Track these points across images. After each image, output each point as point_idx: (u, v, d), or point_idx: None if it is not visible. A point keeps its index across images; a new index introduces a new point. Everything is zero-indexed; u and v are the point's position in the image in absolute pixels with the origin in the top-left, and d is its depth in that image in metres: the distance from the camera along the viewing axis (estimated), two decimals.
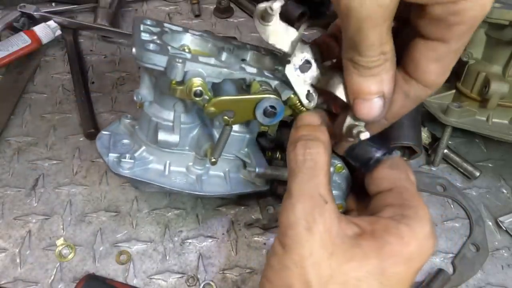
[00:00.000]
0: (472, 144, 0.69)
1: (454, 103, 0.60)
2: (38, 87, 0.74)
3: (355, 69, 0.33)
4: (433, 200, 0.62)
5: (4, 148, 0.66)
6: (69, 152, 0.65)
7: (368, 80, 0.33)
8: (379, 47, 0.31)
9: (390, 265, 0.32)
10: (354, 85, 0.34)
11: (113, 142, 0.51)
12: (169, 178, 0.50)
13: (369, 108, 0.34)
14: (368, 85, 0.33)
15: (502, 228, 0.58)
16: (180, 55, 0.43)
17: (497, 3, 0.55)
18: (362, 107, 0.35)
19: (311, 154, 0.35)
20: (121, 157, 0.48)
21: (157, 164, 0.50)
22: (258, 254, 0.56)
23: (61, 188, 0.61)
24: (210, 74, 0.44)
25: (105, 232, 0.57)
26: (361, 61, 0.32)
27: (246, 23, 0.88)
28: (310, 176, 0.34)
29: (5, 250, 0.55)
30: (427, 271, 0.55)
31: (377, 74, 0.33)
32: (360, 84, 0.34)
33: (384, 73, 0.33)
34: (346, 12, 0.30)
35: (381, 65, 0.32)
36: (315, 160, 0.35)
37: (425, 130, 0.65)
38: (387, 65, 0.33)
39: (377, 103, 0.34)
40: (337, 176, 0.43)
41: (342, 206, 0.42)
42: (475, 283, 0.54)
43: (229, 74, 0.44)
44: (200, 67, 0.43)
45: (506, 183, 0.64)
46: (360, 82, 0.34)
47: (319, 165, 0.35)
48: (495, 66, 0.58)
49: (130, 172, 0.49)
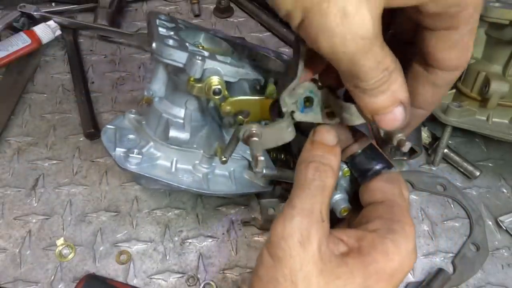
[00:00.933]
0: (472, 144, 0.69)
1: (454, 103, 0.60)
2: (38, 87, 0.74)
3: (363, 94, 0.33)
4: (433, 200, 0.62)
5: (4, 148, 0.66)
6: (69, 152, 0.65)
7: (380, 97, 0.33)
8: (378, 66, 0.31)
9: (373, 282, 0.32)
10: (368, 106, 0.33)
11: (119, 136, 0.51)
12: (176, 176, 0.50)
13: (391, 120, 0.34)
14: (382, 102, 0.33)
15: (502, 227, 0.58)
16: (199, 52, 0.43)
17: (497, 3, 0.55)
18: (385, 121, 0.34)
19: (321, 177, 0.35)
20: (129, 152, 0.48)
21: (164, 161, 0.50)
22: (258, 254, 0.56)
23: (61, 188, 0.61)
24: (227, 73, 0.44)
25: (105, 232, 0.57)
26: (365, 85, 0.32)
27: (246, 23, 0.88)
28: (316, 194, 0.35)
29: (5, 250, 0.55)
30: (427, 271, 0.55)
31: (386, 89, 0.32)
32: (374, 103, 0.33)
33: (393, 83, 0.32)
34: (332, 56, 0.29)
35: (387, 80, 0.32)
36: (324, 182, 0.35)
37: (425, 130, 0.65)
38: (393, 76, 0.32)
39: (397, 112, 0.34)
40: (343, 180, 0.44)
41: (347, 209, 0.42)
42: (475, 282, 0.54)
43: (245, 74, 0.44)
44: (218, 65, 0.43)
45: (506, 183, 0.64)
46: (373, 102, 0.33)
47: (326, 186, 0.35)
48: (495, 65, 0.58)
49: (138, 167, 0.48)
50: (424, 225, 0.59)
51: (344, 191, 0.43)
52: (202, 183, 0.50)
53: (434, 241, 0.58)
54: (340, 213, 0.42)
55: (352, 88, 0.33)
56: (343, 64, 0.30)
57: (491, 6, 0.54)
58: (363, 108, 0.34)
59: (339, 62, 0.30)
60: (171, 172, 0.50)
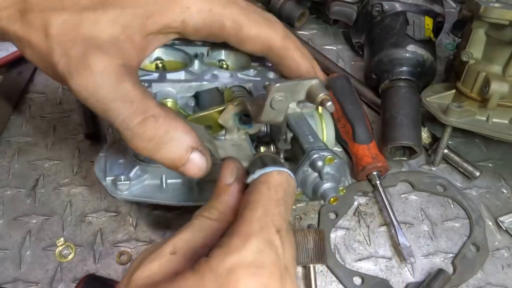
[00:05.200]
0: (472, 144, 0.69)
1: (454, 103, 0.60)
2: (38, 87, 0.74)
3: (133, 138, 0.35)
4: (433, 200, 0.62)
5: (4, 149, 0.66)
6: (69, 152, 0.65)
7: (166, 148, 0.35)
8: (135, 111, 0.34)
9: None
10: (163, 161, 0.36)
11: (110, 164, 0.50)
12: (167, 192, 0.50)
13: (194, 167, 0.36)
14: (171, 153, 0.35)
15: (502, 228, 0.58)
16: (148, 76, 0.43)
17: (497, 3, 0.55)
18: (190, 170, 0.36)
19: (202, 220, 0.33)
20: (117, 180, 0.48)
21: (153, 180, 0.50)
22: None
23: (61, 188, 0.61)
24: (180, 91, 0.44)
25: (105, 232, 0.57)
26: (132, 128, 0.34)
27: None
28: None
29: (5, 250, 0.55)
30: (427, 271, 0.55)
31: (160, 135, 0.35)
32: (164, 156, 0.36)
33: (169, 130, 0.35)
34: (83, 100, 0.34)
35: (153, 125, 0.34)
36: (205, 223, 0.33)
37: (425, 130, 0.65)
38: (163, 121, 0.35)
39: (195, 158, 0.36)
40: (329, 167, 0.42)
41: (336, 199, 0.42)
42: (475, 283, 0.54)
43: (199, 86, 0.44)
44: (169, 85, 0.43)
45: (506, 183, 0.64)
46: (162, 155, 0.35)
47: (205, 227, 0.33)
48: (495, 66, 0.58)
49: (128, 193, 0.48)
50: (424, 226, 0.59)
51: (332, 179, 0.43)
52: (195, 193, 0.50)
53: (434, 242, 0.58)
54: (329, 202, 0.42)
55: (125, 135, 0.35)
56: (98, 112, 0.35)
57: (491, 6, 0.54)
58: (162, 163, 0.36)
59: (94, 109, 0.35)
60: (162, 189, 0.50)
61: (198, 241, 0.31)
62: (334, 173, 0.43)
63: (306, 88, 0.42)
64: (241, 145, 0.46)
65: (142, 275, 0.29)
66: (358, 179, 0.63)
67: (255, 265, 0.27)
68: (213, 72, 0.46)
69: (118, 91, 0.33)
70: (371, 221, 0.59)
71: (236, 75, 0.46)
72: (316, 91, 0.41)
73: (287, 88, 0.41)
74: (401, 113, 0.62)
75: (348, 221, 0.59)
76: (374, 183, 0.61)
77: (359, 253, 0.56)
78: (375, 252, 0.56)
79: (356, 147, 0.62)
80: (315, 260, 0.52)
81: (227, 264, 0.27)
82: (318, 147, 0.42)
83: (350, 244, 0.57)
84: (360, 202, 0.61)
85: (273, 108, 0.41)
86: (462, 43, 0.63)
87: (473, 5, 0.57)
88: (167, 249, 0.30)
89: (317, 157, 0.41)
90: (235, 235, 0.29)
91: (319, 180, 0.42)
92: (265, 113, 0.41)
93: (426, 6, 0.71)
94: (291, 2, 0.84)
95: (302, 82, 0.41)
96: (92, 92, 0.33)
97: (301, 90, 0.42)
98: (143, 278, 0.29)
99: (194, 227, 0.32)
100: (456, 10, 0.87)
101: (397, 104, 0.63)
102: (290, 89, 0.41)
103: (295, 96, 0.42)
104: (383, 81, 0.67)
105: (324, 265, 0.54)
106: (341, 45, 0.85)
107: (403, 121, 0.61)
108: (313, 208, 0.60)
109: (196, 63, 0.47)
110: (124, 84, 0.34)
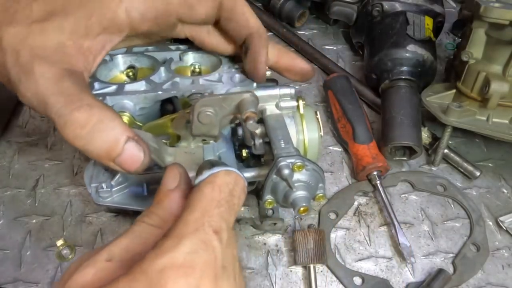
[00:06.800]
0: (472, 144, 0.69)
1: (454, 103, 0.60)
2: None
3: (65, 125, 0.35)
4: (433, 200, 0.62)
5: (5, 149, 0.66)
6: (69, 153, 0.65)
7: (97, 136, 0.34)
8: (66, 100, 0.35)
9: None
10: (95, 152, 0.35)
11: (96, 171, 0.50)
12: (149, 199, 0.49)
13: (130, 157, 0.35)
14: (104, 141, 0.35)
15: (503, 228, 0.58)
16: (105, 89, 0.43)
17: (497, 3, 0.55)
18: (126, 162, 0.36)
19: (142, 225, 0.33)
20: (99, 187, 0.48)
21: (135, 187, 0.50)
22: (258, 254, 0.56)
23: (61, 188, 0.61)
24: (138, 102, 0.44)
25: (105, 232, 0.57)
26: (65, 115, 0.34)
27: None
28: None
29: (5, 250, 0.55)
30: (428, 271, 0.55)
31: (93, 123, 0.34)
32: (97, 144, 0.35)
33: (100, 117, 0.35)
34: (29, 102, 0.37)
35: (85, 111, 0.34)
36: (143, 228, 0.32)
37: (425, 130, 0.65)
38: (96, 111, 0.34)
39: (130, 147, 0.35)
40: (299, 175, 0.40)
41: (306, 209, 0.40)
42: (476, 283, 0.54)
43: (155, 96, 0.44)
44: (125, 98, 0.43)
45: (506, 183, 0.64)
46: (94, 143, 0.35)
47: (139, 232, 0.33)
48: (495, 66, 0.58)
49: (110, 200, 0.48)
50: (424, 226, 0.59)
51: (303, 188, 0.41)
52: None
53: (434, 241, 0.58)
54: (298, 212, 0.41)
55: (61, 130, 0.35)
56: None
57: (491, 6, 0.54)
58: (96, 154, 0.35)
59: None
60: (144, 195, 0.49)
61: (136, 248, 0.30)
62: (307, 180, 0.41)
63: (236, 102, 0.40)
64: (195, 153, 0.45)
65: (76, 283, 0.28)
66: (358, 179, 0.63)
67: (186, 265, 0.27)
68: (175, 79, 0.45)
69: (57, 87, 0.35)
70: (371, 221, 0.59)
71: (198, 81, 0.46)
72: (246, 105, 0.39)
73: (213, 103, 0.39)
74: (401, 113, 0.62)
75: (348, 221, 0.59)
76: (374, 183, 0.61)
77: (359, 253, 0.56)
78: (375, 252, 0.56)
79: (356, 147, 0.62)
80: (315, 260, 0.52)
81: (158, 265, 0.26)
82: (287, 154, 0.40)
83: (350, 244, 0.57)
84: (360, 202, 0.61)
85: (201, 123, 0.40)
86: (462, 43, 0.63)
87: (473, 5, 0.57)
88: (102, 256, 0.29)
89: (284, 165, 0.39)
90: (169, 237, 0.28)
91: (289, 188, 0.41)
92: (195, 127, 0.40)
93: (426, 6, 0.71)
94: (291, 2, 0.84)
95: (231, 96, 0.40)
96: (35, 92, 0.35)
97: (231, 104, 0.40)
98: (76, 286, 0.28)
99: (133, 233, 0.31)
100: (456, 10, 0.87)
101: (397, 104, 0.63)
102: (217, 103, 0.39)
103: (224, 111, 0.40)
104: (383, 81, 0.67)
105: (324, 265, 0.54)
106: (341, 45, 0.85)
107: (403, 121, 0.61)
108: (313, 208, 0.60)
109: (162, 70, 0.46)
110: (63, 83, 0.35)
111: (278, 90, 0.48)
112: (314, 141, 0.51)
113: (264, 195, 0.43)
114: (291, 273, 0.54)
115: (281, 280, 0.53)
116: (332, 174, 0.64)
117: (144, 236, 0.31)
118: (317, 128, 0.51)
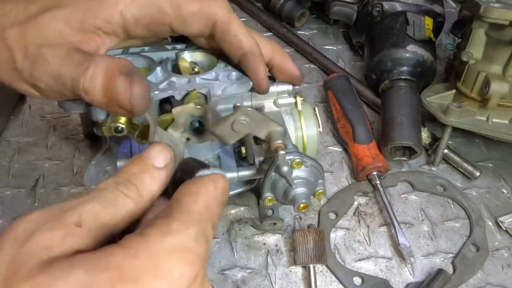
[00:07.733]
0: (472, 144, 0.69)
1: (454, 103, 0.60)
2: None
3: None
4: (433, 200, 0.62)
5: (4, 149, 0.66)
6: (69, 152, 0.65)
7: (90, 72, 0.36)
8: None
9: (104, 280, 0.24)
10: (85, 86, 0.36)
11: (97, 172, 0.50)
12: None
13: (118, 90, 0.35)
14: (94, 75, 0.36)
15: (502, 228, 0.58)
16: None
17: (497, 3, 0.55)
18: (117, 98, 0.35)
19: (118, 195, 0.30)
20: None
21: None
22: (258, 254, 0.56)
23: (61, 188, 0.61)
24: None
25: None
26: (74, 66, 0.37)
27: (246, 23, 0.87)
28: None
29: None
30: (427, 271, 0.55)
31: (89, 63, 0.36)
32: (86, 80, 0.36)
33: (97, 61, 0.36)
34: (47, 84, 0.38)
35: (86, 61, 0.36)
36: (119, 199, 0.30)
37: (425, 130, 0.65)
38: (94, 58, 0.37)
39: (121, 81, 0.35)
40: (299, 171, 0.41)
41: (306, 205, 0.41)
42: (475, 283, 0.54)
43: (152, 96, 0.44)
44: None
45: (506, 183, 0.64)
46: (85, 80, 0.36)
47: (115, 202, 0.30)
48: (495, 66, 0.58)
49: None
50: (424, 226, 0.59)
51: (303, 184, 0.41)
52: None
53: (434, 242, 0.58)
54: (298, 209, 0.41)
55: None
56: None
57: (491, 6, 0.54)
58: (89, 95, 0.36)
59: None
60: None
61: (106, 218, 0.27)
62: (306, 176, 0.41)
63: (269, 130, 0.41)
64: (176, 146, 0.44)
65: (39, 245, 0.24)
66: (358, 179, 0.63)
67: (192, 252, 0.26)
68: (171, 79, 0.45)
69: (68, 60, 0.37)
70: (371, 221, 0.59)
71: (194, 80, 0.46)
72: (275, 136, 0.40)
73: (254, 117, 0.40)
74: (401, 113, 0.62)
75: (348, 221, 0.59)
76: (374, 183, 0.61)
77: (359, 253, 0.56)
78: (375, 252, 0.56)
79: (356, 147, 0.62)
80: (315, 260, 0.52)
81: (166, 244, 0.25)
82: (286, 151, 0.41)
83: (350, 244, 0.57)
84: (360, 202, 0.61)
85: (232, 128, 0.40)
86: (462, 43, 0.63)
87: (473, 5, 0.57)
88: (72, 219, 0.25)
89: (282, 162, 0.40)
90: (174, 220, 0.26)
91: (289, 185, 0.41)
92: (221, 127, 0.40)
93: (426, 6, 0.71)
94: (291, 2, 0.84)
95: (270, 122, 0.40)
96: (50, 72, 0.37)
97: (264, 128, 0.41)
98: (40, 249, 0.24)
99: (105, 200, 0.28)
100: (456, 10, 0.87)
101: (397, 104, 0.63)
102: (256, 118, 0.40)
103: (256, 129, 0.41)
104: (383, 81, 0.67)
105: (324, 265, 0.54)
106: (341, 45, 0.85)
107: (403, 121, 0.61)
108: (313, 208, 0.60)
109: (158, 70, 0.46)
110: (73, 56, 0.37)
111: (276, 87, 0.48)
112: (313, 137, 0.51)
113: (264, 192, 0.43)
114: (291, 273, 0.54)
115: (280, 280, 0.53)
116: (332, 174, 0.64)
117: (116, 206, 0.28)
118: (315, 124, 0.51)
